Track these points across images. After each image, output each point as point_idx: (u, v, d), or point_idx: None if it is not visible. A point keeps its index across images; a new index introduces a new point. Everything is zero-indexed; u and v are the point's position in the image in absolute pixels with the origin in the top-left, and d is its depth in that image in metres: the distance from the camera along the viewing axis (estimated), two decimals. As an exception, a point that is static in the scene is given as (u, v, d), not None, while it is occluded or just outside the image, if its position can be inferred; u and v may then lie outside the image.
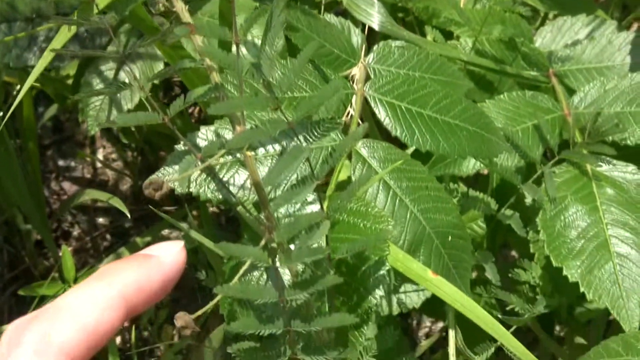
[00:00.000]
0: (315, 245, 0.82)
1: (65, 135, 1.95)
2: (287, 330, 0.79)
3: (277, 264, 0.77)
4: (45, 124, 1.93)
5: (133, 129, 1.80)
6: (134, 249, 1.51)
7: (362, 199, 0.94)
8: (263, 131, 0.76)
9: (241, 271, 0.85)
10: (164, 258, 0.63)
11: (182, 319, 0.80)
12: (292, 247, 0.79)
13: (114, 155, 1.93)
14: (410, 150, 1.17)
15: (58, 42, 1.12)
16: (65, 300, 0.56)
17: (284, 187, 0.91)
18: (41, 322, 0.53)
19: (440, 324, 1.70)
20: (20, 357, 0.51)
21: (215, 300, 0.84)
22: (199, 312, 0.81)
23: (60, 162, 1.91)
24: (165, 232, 1.70)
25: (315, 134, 0.82)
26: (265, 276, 0.91)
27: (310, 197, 0.94)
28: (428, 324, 1.73)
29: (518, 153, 1.15)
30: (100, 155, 1.92)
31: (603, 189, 1.12)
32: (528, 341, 1.60)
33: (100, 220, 1.85)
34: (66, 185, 1.89)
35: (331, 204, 0.80)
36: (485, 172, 1.35)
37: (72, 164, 1.91)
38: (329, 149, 0.96)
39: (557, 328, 1.63)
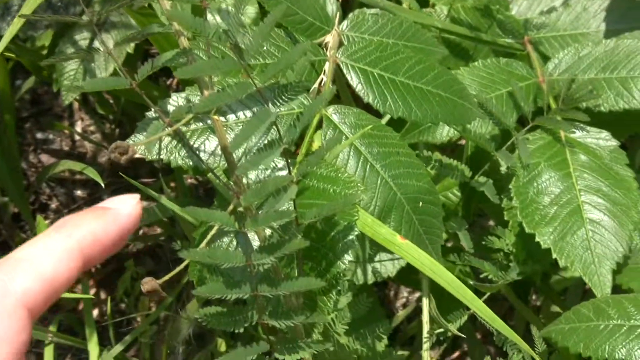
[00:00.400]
0: (282, 209, 0.82)
1: (43, 107, 1.93)
2: (255, 295, 0.78)
3: (245, 228, 0.77)
4: (23, 97, 1.91)
5: (111, 101, 1.79)
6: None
7: (332, 165, 0.94)
8: (229, 94, 0.75)
9: (208, 236, 0.85)
10: (121, 210, 0.65)
11: (148, 284, 0.79)
12: (260, 212, 0.79)
13: (92, 128, 1.91)
14: (386, 119, 1.17)
15: (28, 9, 1.11)
16: (24, 252, 0.57)
17: (254, 152, 0.90)
18: (0, 272, 0.55)
19: (418, 294, 1.70)
20: None
21: (182, 265, 0.84)
22: (166, 277, 0.81)
23: (38, 135, 1.90)
24: (143, 204, 1.70)
25: (284, 98, 0.82)
26: (234, 242, 0.91)
27: (280, 163, 0.93)
28: (405, 294, 1.73)
29: (492, 120, 1.14)
30: (78, 127, 1.91)
31: (576, 155, 1.11)
32: (504, 311, 1.61)
33: (78, 192, 1.84)
34: (44, 157, 1.87)
35: (300, 169, 0.80)
36: (463, 141, 1.35)
37: (50, 136, 1.90)
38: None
39: (534, 297, 1.63)
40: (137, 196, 0.67)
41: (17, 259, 0.56)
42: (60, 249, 0.58)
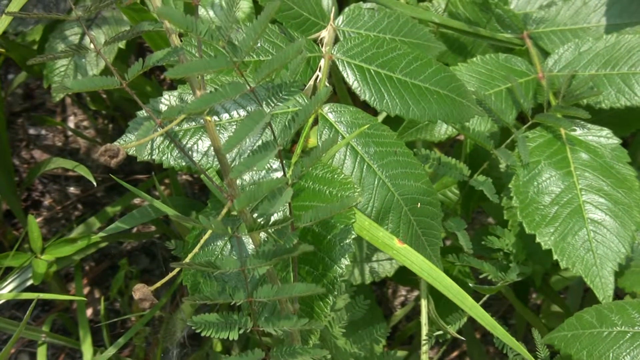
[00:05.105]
0: (277, 214, 0.80)
1: (35, 102, 1.91)
2: (250, 301, 0.76)
3: (239, 232, 0.75)
4: (15, 92, 1.89)
5: (104, 95, 1.77)
6: (105, 218, 1.48)
7: (329, 166, 0.92)
8: (222, 94, 0.73)
9: (201, 242, 0.82)
10: None
11: (140, 291, 0.77)
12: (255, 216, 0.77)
13: (85, 123, 1.89)
14: (382, 116, 1.15)
15: (16, 5, 1.09)
16: None
17: (248, 153, 0.88)
18: None
19: (416, 293, 1.69)
20: None
21: (175, 271, 0.82)
22: (157, 284, 0.78)
23: (31, 131, 1.88)
24: (137, 201, 1.68)
25: (278, 97, 0.80)
26: (228, 246, 0.89)
27: (275, 163, 0.91)
28: (404, 292, 1.71)
29: (491, 117, 1.12)
30: (71, 123, 1.88)
31: (577, 154, 1.09)
32: (505, 308, 1.59)
33: (72, 189, 1.82)
34: (37, 153, 1.85)
35: (295, 171, 0.78)
36: (462, 137, 1.33)
37: (43, 132, 1.88)
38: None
39: (534, 295, 1.61)
40: None
41: None
42: None
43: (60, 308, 1.65)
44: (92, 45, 0.89)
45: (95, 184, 1.29)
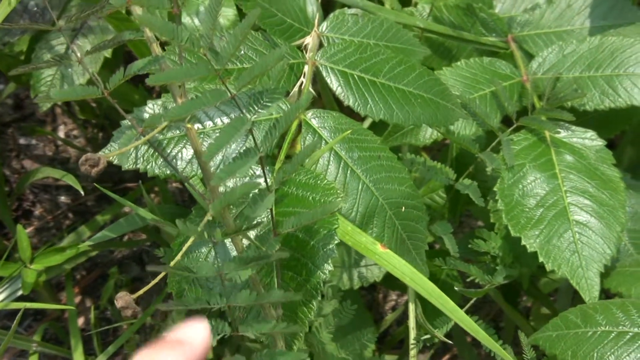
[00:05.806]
0: (258, 219, 0.80)
1: (25, 112, 1.91)
2: (229, 306, 0.77)
3: (215, 238, 0.75)
4: (5, 102, 1.89)
5: (94, 104, 1.77)
6: (95, 227, 1.48)
7: (312, 171, 0.92)
8: (202, 101, 0.73)
9: (184, 248, 0.82)
10: (195, 341, 0.65)
11: (122, 299, 0.77)
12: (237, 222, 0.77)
13: (75, 132, 1.89)
14: (368, 122, 1.15)
15: (-1, 16, 1.10)
16: None
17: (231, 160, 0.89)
18: None
19: (406, 297, 1.69)
20: None
21: (158, 277, 0.82)
22: (140, 292, 0.78)
23: (21, 140, 1.88)
24: (127, 209, 1.68)
25: (260, 104, 0.80)
26: (212, 253, 0.89)
27: (259, 170, 0.91)
28: (394, 297, 1.71)
29: (476, 121, 1.12)
30: (61, 132, 1.88)
31: (562, 156, 1.09)
32: (494, 312, 1.59)
33: (62, 198, 1.82)
34: (27, 163, 1.85)
35: (277, 177, 0.78)
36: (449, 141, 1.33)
37: (33, 142, 1.88)
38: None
39: (525, 298, 1.61)
40: (205, 324, 0.66)
41: None
42: None
43: (52, 317, 1.65)
44: (79, 54, 0.89)
45: (83, 193, 1.28)
